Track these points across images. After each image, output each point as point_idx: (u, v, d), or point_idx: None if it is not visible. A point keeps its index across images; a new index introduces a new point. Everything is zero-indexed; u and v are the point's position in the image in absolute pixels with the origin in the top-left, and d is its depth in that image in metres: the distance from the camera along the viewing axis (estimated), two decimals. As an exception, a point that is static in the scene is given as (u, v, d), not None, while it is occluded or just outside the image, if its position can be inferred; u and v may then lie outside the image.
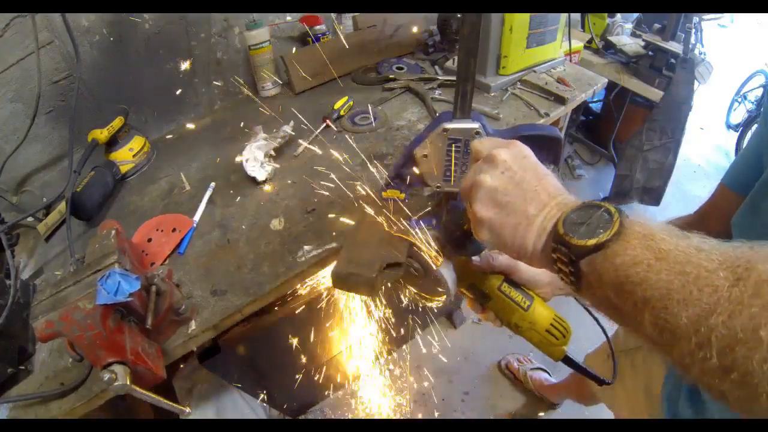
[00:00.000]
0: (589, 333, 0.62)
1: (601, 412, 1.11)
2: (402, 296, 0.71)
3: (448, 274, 0.57)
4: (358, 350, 1.61)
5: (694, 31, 1.99)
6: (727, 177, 0.69)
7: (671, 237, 0.33)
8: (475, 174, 0.45)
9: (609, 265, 0.34)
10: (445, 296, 0.60)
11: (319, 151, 1.15)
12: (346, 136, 1.21)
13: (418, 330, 1.88)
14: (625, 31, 2.27)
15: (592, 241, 0.35)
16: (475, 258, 0.62)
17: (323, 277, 1.04)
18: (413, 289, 0.68)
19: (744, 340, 0.27)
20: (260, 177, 1.05)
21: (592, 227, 0.36)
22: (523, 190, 0.42)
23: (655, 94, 2.03)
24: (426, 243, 0.57)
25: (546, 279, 0.64)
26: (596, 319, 0.66)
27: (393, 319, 1.43)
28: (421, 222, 0.68)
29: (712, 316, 0.28)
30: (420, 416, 1.66)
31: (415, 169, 0.75)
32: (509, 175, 0.43)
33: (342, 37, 1.41)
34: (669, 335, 0.30)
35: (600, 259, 0.35)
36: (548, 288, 0.64)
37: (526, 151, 0.45)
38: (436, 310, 1.86)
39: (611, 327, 0.70)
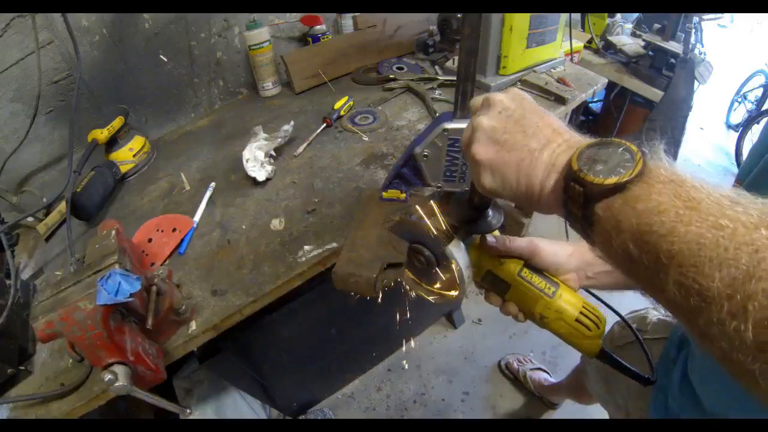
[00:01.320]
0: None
1: (602, 412, 1.10)
2: (412, 294, 0.68)
3: (459, 254, 0.52)
4: (358, 349, 1.61)
5: (694, 31, 1.99)
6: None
7: (703, 185, 0.29)
8: (472, 123, 0.42)
9: (629, 211, 0.30)
10: (458, 286, 0.55)
11: (320, 152, 1.15)
12: (347, 136, 1.21)
13: (418, 330, 1.89)
14: (625, 31, 2.27)
15: (611, 180, 0.31)
16: (490, 240, 0.57)
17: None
18: (422, 285, 0.64)
19: None
20: (260, 177, 1.05)
21: (611, 165, 0.32)
22: (522, 125, 0.39)
23: (655, 94, 2.03)
24: (432, 223, 0.53)
25: (572, 265, 0.57)
26: (614, 310, 0.63)
27: (393, 319, 1.43)
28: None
29: (751, 281, 0.24)
30: (420, 416, 1.66)
31: (416, 169, 0.75)
32: (507, 113, 0.40)
33: (342, 37, 1.42)
34: (696, 298, 0.26)
35: (619, 203, 0.31)
36: (574, 275, 0.57)
37: (525, 94, 0.42)
38: (437, 306, 1.86)
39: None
